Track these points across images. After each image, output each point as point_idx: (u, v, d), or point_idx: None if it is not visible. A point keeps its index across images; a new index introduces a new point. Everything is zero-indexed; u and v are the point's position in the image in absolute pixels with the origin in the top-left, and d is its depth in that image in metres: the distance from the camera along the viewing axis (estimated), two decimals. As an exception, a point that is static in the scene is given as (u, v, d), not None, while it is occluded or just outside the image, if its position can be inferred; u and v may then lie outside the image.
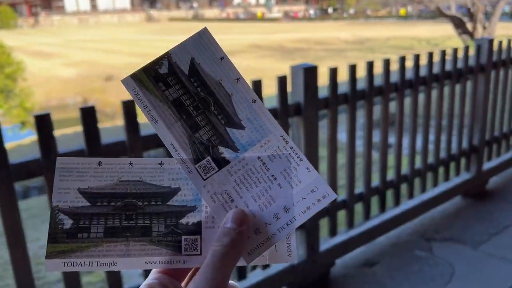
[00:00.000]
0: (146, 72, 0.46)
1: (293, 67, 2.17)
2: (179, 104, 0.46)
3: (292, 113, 2.16)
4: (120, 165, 0.45)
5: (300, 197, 0.45)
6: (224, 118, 0.46)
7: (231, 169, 0.45)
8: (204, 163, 0.45)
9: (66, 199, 0.44)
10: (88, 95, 14.63)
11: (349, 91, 2.40)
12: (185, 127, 0.46)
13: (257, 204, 0.45)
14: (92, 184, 0.44)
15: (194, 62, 0.46)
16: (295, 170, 0.45)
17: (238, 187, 0.45)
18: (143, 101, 0.45)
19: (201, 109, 0.46)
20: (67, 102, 14.89)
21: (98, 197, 0.44)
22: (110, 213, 0.44)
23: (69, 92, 15.15)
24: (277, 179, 0.45)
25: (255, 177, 0.45)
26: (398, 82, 2.66)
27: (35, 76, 15.88)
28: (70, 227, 0.43)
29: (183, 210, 0.45)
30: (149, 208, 0.45)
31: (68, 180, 0.44)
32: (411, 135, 2.87)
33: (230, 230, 0.42)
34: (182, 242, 0.44)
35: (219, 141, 0.46)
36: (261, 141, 0.46)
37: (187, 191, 0.45)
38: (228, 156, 0.46)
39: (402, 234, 2.95)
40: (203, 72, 0.46)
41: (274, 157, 0.46)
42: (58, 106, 14.64)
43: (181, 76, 0.46)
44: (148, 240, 0.44)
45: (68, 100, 14.90)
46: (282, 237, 0.44)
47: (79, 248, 0.43)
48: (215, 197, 0.45)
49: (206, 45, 0.47)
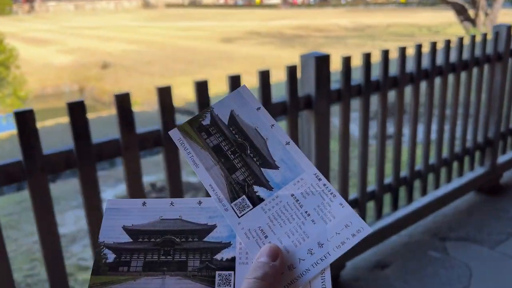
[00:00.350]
0: (190, 124, 0.52)
1: (303, 56, 1.98)
2: (218, 150, 0.50)
3: (302, 106, 1.98)
4: (162, 205, 0.49)
5: (334, 233, 0.45)
6: (259, 160, 0.49)
7: (265, 207, 0.47)
8: (239, 201, 0.48)
9: (112, 235, 0.47)
10: (84, 83, 14.36)
11: (363, 82, 2.21)
12: (223, 169, 0.49)
13: (291, 240, 0.45)
14: (136, 222, 0.48)
15: (233, 113, 0.51)
16: (328, 206, 0.46)
17: (272, 224, 0.46)
18: (187, 148, 0.50)
19: (238, 153, 0.50)
20: (63, 90, 14.63)
21: (140, 234, 0.47)
22: (150, 248, 0.47)
23: (65, 79, 14.87)
24: (310, 215, 0.46)
25: (288, 214, 0.46)
26: (414, 72, 2.47)
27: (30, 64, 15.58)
28: (112, 261, 0.46)
29: (218, 247, 0.47)
30: (186, 244, 0.47)
31: (115, 219, 0.48)
32: (426, 128, 2.70)
33: (264, 264, 0.42)
34: (216, 277, 0.45)
35: (254, 180, 0.48)
36: (294, 180, 0.48)
37: (222, 228, 0.47)
38: (263, 195, 0.48)
39: (414, 233, 2.79)
40: (241, 121, 0.51)
41: (307, 194, 0.47)
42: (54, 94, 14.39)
43: (221, 126, 0.51)
44: (183, 275, 0.45)
45: (64, 88, 14.64)
46: (316, 272, 0.44)
47: (118, 280, 0.45)
48: (249, 233, 0.46)
49: (244, 100, 0.52)
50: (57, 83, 14.75)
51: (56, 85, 14.64)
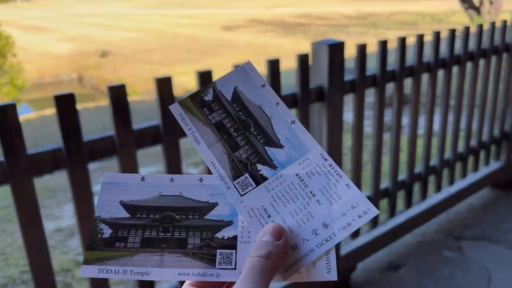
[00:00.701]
0: (192, 99, 0.50)
1: (315, 43, 1.81)
2: (221, 126, 0.49)
3: (314, 98, 1.83)
4: (162, 181, 0.48)
5: (340, 213, 0.44)
6: (263, 138, 0.48)
7: (269, 186, 0.46)
8: (242, 179, 0.47)
9: (108, 210, 0.46)
10: (83, 71, 14.17)
11: (378, 71, 2.05)
12: (226, 146, 0.48)
13: (295, 220, 0.44)
14: (134, 197, 0.47)
15: (236, 89, 0.50)
16: (334, 187, 0.45)
17: (276, 203, 0.45)
18: (188, 124, 0.49)
19: (241, 130, 0.48)
20: (62, 78, 14.43)
21: (139, 210, 0.46)
22: (148, 224, 0.46)
23: (64, 68, 14.66)
24: (315, 196, 0.45)
25: (292, 194, 0.46)
26: (432, 61, 2.31)
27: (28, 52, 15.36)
28: (109, 236, 0.45)
29: (219, 225, 0.46)
30: (186, 221, 0.46)
31: (112, 193, 0.47)
32: (442, 121, 2.54)
33: (267, 243, 0.41)
34: (217, 255, 0.44)
35: (258, 159, 0.47)
36: (299, 159, 0.47)
37: (224, 206, 0.46)
38: (266, 174, 0.47)
39: (428, 232, 2.66)
40: (245, 98, 0.50)
41: (312, 174, 0.46)
42: (52, 82, 14.20)
43: (224, 102, 0.50)
44: (183, 252, 0.44)
45: (63, 76, 14.44)
46: (321, 253, 0.43)
47: (115, 256, 0.44)
48: (251, 212, 0.45)
49: (249, 76, 0.51)
50: (55, 71, 14.54)
51: (54, 74, 14.44)
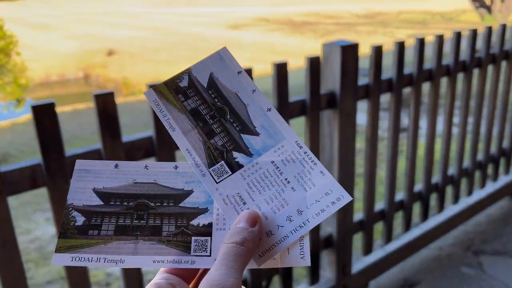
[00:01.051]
0: (167, 85, 0.49)
1: (326, 45, 1.66)
2: (196, 113, 0.48)
3: (325, 105, 1.67)
4: (136, 168, 0.47)
5: (314, 200, 0.44)
6: (239, 125, 0.48)
7: (244, 173, 0.46)
8: (217, 167, 0.46)
9: (81, 197, 0.45)
10: (89, 70, 14.09)
11: (394, 75, 1.89)
12: (201, 133, 0.47)
13: (270, 206, 0.45)
14: (107, 184, 0.46)
15: (212, 76, 0.49)
16: (308, 174, 0.46)
17: (251, 190, 0.45)
18: (163, 111, 0.48)
19: (217, 117, 0.48)
20: (68, 77, 14.37)
21: (112, 197, 0.46)
22: (122, 212, 0.45)
23: (70, 67, 14.60)
24: (290, 183, 0.45)
25: (268, 181, 0.46)
26: (451, 64, 2.14)
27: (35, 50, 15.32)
28: (82, 224, 0.44)
29: (194, 212, 0.46)
30: (161, 208, 0.46)
31: (85, 181, 0.46)
32: (461, 128, 2.37)
33: (242, 230, 0.42)
34: (192, 242, 0.44)
35: (234, 146, 0.47)
36: (275, 147, 0.47)
37: (199, 193, 0.46)
38: (242, 161, 0.46)
39: (445, 245, 2.49)
40: (221, 84, 0.49)
41: (287, 161, 0.46)
42: (59, 81, 14.14)
43: (200, 89, 0.49)
44: (157, 240, 0.44)
45: (69, 75, 14.37)
46: (295, 239, 0.43)
47: (88, 244, 0.43)
48: (227, 199, 0.45)
49: (225, 62, 0.50)
50: (62, 70, 14.48)
51: (61, 72, 14.38)
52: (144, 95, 0.49)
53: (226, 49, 0.50)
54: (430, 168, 2.24)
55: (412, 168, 2.14)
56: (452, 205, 2.51)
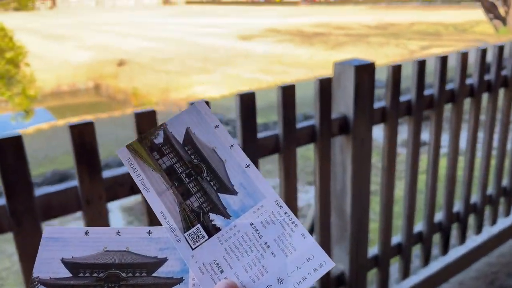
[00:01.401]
0: (141, 142, 0.47)
1: (338, 64, 1.49)
2: (172, 172, 0.46)
3: (336, 131, 1.50)
4: (107, 235, 0.44)
5: (295, 267, 0.42)
6: (217, 184, 0.46)
7: (222, 237, 0.44)
8: (193, 231, 0.44)
9: (48, 269, 0.43)
10: (100, 80, 14.11)
11: (414, 97, 1.71)
12: (176, 194, 0.45)
13: (249, 275, 0.42)
14: (76, 254, 0.43)
15: (189, 131, 0.48)
16: (289, 237, 0.43)
17: (229, 256, 0.43)
18: (136, 170, 0.46)
19: (193, 176, 0.46)
20: (79, 87, 14.40)
21: (81, 268, 0.43)
22: (91, 284, 0.43)
23: (81, 77, 14.64)
24: (270, 247, 0.43)
25: (246, 245, 0.43)
26: (475, 84, 1.96)
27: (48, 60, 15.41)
28: None
29: (168, 282, 0.43)
30: (133, 279, 0.43)
31: (52, 250, 0.43)
32: (485, 153, 2.18)
33: None
34: None
35: (211, 207, 0.45)
36: (254, 207, 0.45)
37: (174, 261, 0.44)
38: (219, 224, 0.44)
39: (466, 279, 2.28)
40: (198, 140, 0.47)
41: (267, 223, 0.44)
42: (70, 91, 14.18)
43: (176, 145, 0.47)
44: None
45: (79, 85, 14.41)
46: None
47: None
48: (203, 268, 0.43)
49: (202, 116, 0.48)
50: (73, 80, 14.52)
51: (72, 83, 14.42)
52: (117, 153, 0.47)
53: (203, 102, 0.49)
54: (451, 197, 2.05)
55: (432, 197, 1.95)
56: (474, 235, 2.31)
